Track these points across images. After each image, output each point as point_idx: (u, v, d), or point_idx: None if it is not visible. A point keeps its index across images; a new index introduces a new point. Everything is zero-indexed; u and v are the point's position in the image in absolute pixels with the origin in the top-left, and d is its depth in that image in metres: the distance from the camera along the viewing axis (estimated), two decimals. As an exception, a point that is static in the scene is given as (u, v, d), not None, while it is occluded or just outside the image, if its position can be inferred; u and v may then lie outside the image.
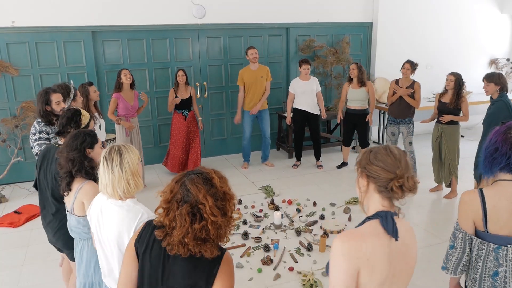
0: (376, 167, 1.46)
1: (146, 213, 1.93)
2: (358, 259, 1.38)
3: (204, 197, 1.42)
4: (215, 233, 1.44)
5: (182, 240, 1.42)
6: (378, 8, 7.12)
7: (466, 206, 1.92)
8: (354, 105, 5.84)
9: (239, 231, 4.29)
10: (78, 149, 2.29)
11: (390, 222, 1.43)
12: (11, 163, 5.46)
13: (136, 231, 1.60)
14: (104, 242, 2.02)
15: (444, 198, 5.06)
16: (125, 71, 5.15)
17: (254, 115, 6.07)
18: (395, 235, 1.41)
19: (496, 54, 8.35)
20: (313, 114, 5.98)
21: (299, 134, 6.13)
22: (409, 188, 1.44)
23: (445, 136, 4.91)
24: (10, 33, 5.39)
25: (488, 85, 4.38)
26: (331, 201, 4.97)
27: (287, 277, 3.51)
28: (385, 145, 1.52)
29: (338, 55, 6.90)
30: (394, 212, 1.48)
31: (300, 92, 5.92)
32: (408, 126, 5.43)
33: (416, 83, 5.36)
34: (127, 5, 5.81)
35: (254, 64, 5.90)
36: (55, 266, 3.67)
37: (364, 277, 1.39)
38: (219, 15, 6.27)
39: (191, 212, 1.42)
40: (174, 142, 5.79)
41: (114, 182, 1.91)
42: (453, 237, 2.00)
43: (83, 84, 4.62)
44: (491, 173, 1.91)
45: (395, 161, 1.45)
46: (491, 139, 1.91)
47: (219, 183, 1.48)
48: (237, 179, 5.80)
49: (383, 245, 1.41)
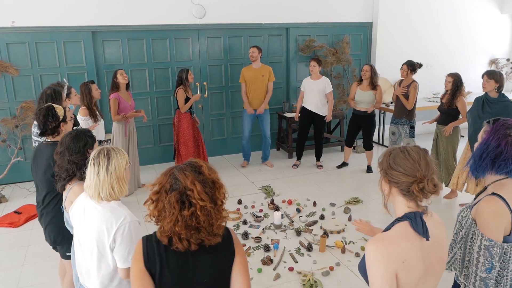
0: (396, 172, 1.46)
1: (129, 216, 1.92)
2: (394, 263, 1.38)
3: (192, 182, 1.43)
4: (206, 220, 1.44)
5: (173, 229, 1.43)
6: (378, 8, 7.12)
7: (498, 215, 1.82)
8: (362, 106, 5.82)
9: (239, 231, 4.29)
10: (82, 152, 2.28)
11: (419, 223, 1.44)
12: (11, 163, 5.46)
13: (134, 252, 1.54)
14: (84, 242, 2.02)
15: (444, 198, 5.06)
16: (121, 70, 5.09)
17: (254, 115, 6.07)
18: (426, 235, 1.42)
19: (496, 54, 8.34)
20: (318, 115, 5.95)
21: (303, 133, 6.12)
22: (430, 191, 1.44)
23: (441, 136, 4.95)
24: (10, 33, 5.39)
25: (488, 82, 4.37)
26: (331, 201, 4.97)
27: (287, 277, 3.51)
28: (403, 147, 1.50)
29: (338, 55, 6.90)
30: (421, 212, 1.48)
31: (308, 90, 5.91)
32: (404, 127, 5.45)
33: (413, 84, 5.37)
34: (127, 5, 5.81)
35: (256, 63, 5.90)
36: (55, 266, 3.66)
37: (402, 279, 1.40)
38: (219, 15, 6.27)
39: (180, 199, 1.43)
40: (185, 142, 5.63)
41: (98, 184, 1.91)
42: (489, 257, 1.82)
43: (85, 82, 4.64)
44: (482, 175, 1.89)
45: (414, 164, 1.44)
46: (490, 140, 1.88)
47: (207, 171, 1.49)
48: (237, 179, 5.80)
49: (416, 246, 1.42)
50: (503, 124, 1.88)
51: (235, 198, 5.08)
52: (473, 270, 1.90)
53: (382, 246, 1.40)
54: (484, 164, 1.89)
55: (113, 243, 1.91)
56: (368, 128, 5.91)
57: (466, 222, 1.97)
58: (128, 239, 1.89)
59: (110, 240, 1.90)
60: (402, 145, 1.55)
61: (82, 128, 2.46)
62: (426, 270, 1.45)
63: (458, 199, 5.02)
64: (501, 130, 1.87)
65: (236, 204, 4.94)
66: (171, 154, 6.38)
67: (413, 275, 1.41)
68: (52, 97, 3.42)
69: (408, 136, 5.45)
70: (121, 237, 1.89)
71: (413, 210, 1.47)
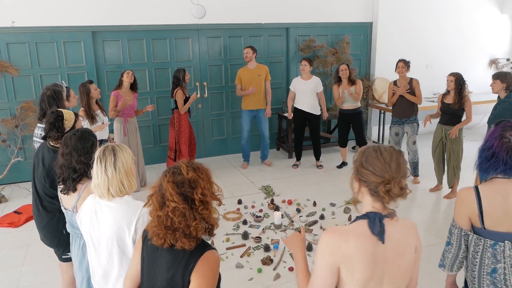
0: (366, 171, 1.45)
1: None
2: (337, 255, 1.40)
3: (167, 183, 1.48)
4: (182, 221, 1.46)
5: (153, 229, 1.51)
6: (378, 8, 7.12)
7: (462, 202, 1.94)
8: (347, 105, 5.83)
9: (239, 231, 4.29)
10: (90, 152, 2.28)
11: (377, 224, 1.42)
12: (11, 163, 5.46)
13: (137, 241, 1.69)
14: (99, 245, 2.00)
15: (444, 198, 5.06)
16: (128, 70, 5.17)
17: (253, 115, 6.07)
18: (381, 237, 1.41)
19: (496, 54, 8.34)
20: (312, 115, 5.96)
21: (298, 134, 6.12)
22: (395, 194, 1.41)
23: (449, 137, 4.88)
24: (10, 33, 5.40)
25: (494, 83, 4.39)
26: (331, 201, 4.97)
27: (287, 277, 3.51)
28: (377, 146, 1.48)
29: (338, 55, 6.90)
30: (386, 215, 1.46)
31: (299, 91, 5.91)
32: (413, 125, 5.39)
33: (414, 80, 5.37)
34: (127, 5, 5.81)
35: (251, 63, 5.89)
36: (55, 266, 3.66)
37: (344, 274, 1.41)
38: (219, 15, 6.27)
39: (161, 201, 1.49)
40: (186, 142, 5.69)
41: (107, 182, 1.91)
42: (449, 234, 2.02)
43: (83, 83, 4.62)
44: (486, 175, 1.92)
45: (384, 164, 1.42)
46: (487, 142, 1.91)
47: (185, 170, 1.50)
48: (237, 179, 5.80)
49: (367, 246, 1.40)
50: (503, 126, 1.90)
51: (235, 198, 5.08)
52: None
53: (331, 237, 1.43)
54: (481, 165, 1.93)
55: (135, 235, 1.92)
56: (358, 125, 5.91)
57: None
58: None
59: (132, 232, 1.91)
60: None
61: (84, 128, 2.44)
62: (379, 275, 1.42)
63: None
64: (498, 131, 1.89)
65: (236, 204, 4.94)
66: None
67: (357, 275, 1.40)
68: (53, 98, 3.40)
69: (416, 134, 5.40)
70: (142, 226, 1.91)
71: (377, 211, 1.46)
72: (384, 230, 1.42)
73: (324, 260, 1.42)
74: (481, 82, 7.70)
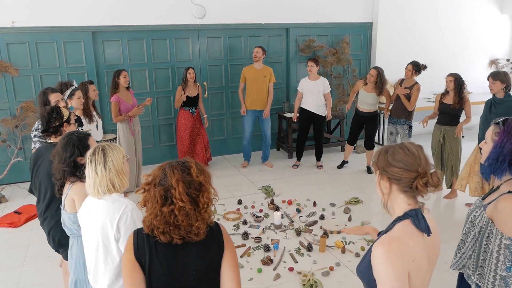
0: (397, 169, 1.45)
1: (130, 205, 1.96)
2: (406, 263, 1.38)
3: (177, 182, 1.47)
4: (185, 220, 1.47)
5: (152, 221, 1.49)
6: (378, 8, 7.12)
7: None
8: (363, 107, 5.79)
9: (239, 231, 4.29)
10: (68, 162, 2.26)
11: (421, 220, 1.45)
12: (11, 163, 5.46)
13: (126, 243, 1.59)
14: (88, 241, 2.04)
15: (444, 198, 5.06)
16: (124, 73, 5.14)
17: (255, 116, 6.08)
18: (427, 231, 1.44)
19: (496, 54, 8.34)
20: (318, 115, 5.95)
21: (303, 133, 6.12)
22: (433, 184, 1.44)
23: (448, 137, 4.91)
24: (10, 33, 5.39)
25: (494, 83, 4.38)
26: (331, 201, 4.97)
27: (287, 277, 3.51)
28: (401, 144, 1.51)
29: (338, 55, 6.90)
30: (419, 209, 1.49)
31: (307, 91, 5.91)
32: (403, 127, 5.47)
33: (416, 85, 5.38)
34: (127, 5, 5.81)
35: (258, 63, 5.90)
36: (55, 266, 3.67)
37: (413, 277, 1.41)
38: (219, 15, 6.27)
39: (164, 195, 1.48)
40: (181, 139, 5.88)
41: (96, 181, 1.93)
42: (510, 256, 1.81)
43: (83, 82, 4.63)
44: (500, 177, 1.88)
45: (415, 159, 1.45)
46: (504, 142, 1.85)
47: (195, 172, 1.51)
48: (237, 179, 5.80)
49: (422, 243, 1.43)
50: None
51: (235, 198, 5.08)
52: (491, 269, 1.88)
53: (391, 247, 1.38)
54: (503, 167, 1.86)
55: (118, 233, 1.92)
56: (371, 128, 5.92)
57: (480, 222, 1.94)
58: (133, 227, 1.90)
59: (114, 230, 1.92)
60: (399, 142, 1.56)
61: (77, 134, 2.36)
62: (429, 265, 1.48)
63: (458, 199, 5.02)
64: None
65: (236, 204, 4.94)
66: (172, 154, 6.40)
67: (421, 272, 1.43)
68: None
69: (407, 136, 5.46)
70: (124, 225, 1.91)
71: (413, 208, 1.48)
72: (428, 224, 1.45)
73: (395, 273, 1.35)
74: (481, 82, 7.68)
